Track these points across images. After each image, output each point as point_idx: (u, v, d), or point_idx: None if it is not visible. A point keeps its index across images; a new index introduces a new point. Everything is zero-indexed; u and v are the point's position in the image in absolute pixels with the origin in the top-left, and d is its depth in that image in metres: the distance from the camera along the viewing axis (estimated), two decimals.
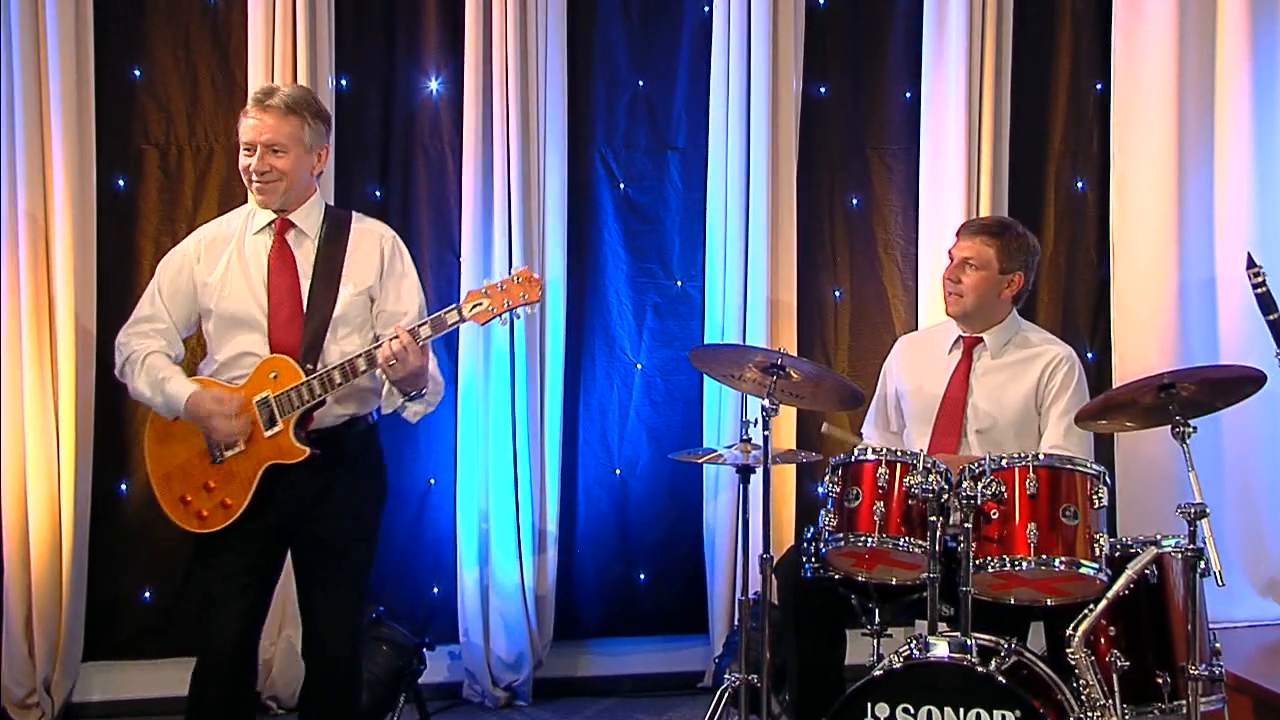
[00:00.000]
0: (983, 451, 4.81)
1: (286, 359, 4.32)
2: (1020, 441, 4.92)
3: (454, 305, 4.30)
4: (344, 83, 5.80)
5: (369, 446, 4.54)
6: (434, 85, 5.87)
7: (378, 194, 5.87)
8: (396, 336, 4.22)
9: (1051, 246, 6.22)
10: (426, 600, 5.93)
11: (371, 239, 4.51)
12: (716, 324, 5.98)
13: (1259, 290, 4.86)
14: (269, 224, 4.40)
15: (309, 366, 4.31)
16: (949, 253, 5.09)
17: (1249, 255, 4.69)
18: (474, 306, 4.30)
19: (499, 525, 5.84)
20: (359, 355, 4.28)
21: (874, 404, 5.32)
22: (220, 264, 4.39)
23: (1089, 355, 6.20)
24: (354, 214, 4.58)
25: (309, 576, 4.45)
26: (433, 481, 5.91)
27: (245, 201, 4.54)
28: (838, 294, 6.18)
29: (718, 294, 5.99)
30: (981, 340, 5.06)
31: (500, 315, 4.31)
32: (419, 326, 4.27)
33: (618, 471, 6.07)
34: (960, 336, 5.09)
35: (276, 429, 4.30)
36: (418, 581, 5.92)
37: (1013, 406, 4.96)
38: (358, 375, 4.29)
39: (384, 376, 4.32)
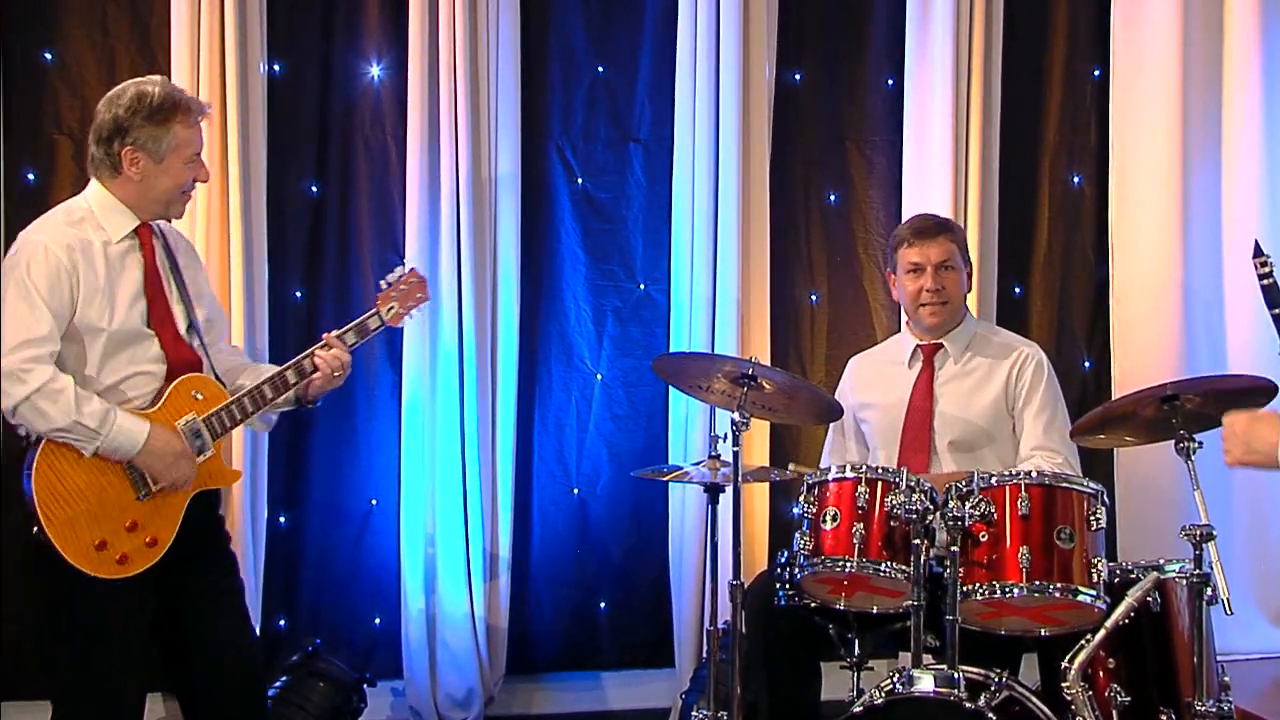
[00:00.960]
0: (956, 465, 4.83)
1: (207, 377, 4.31)
2: (997, 451, 4.99)
3: (373, 310, 4.64)
4: (277, 68, 5.78)
5: None
6: (376, 71, 5.85)
7: (314, 189, 5.86)
8: (329, 345, 4.39)
9: (1045, 247, 6.22)
10: (367, 631, 5.90)
11: (182, 238, 4.54)
12: (683, 331, 5.97)
13: (1265, 281, 4.84)
14: (132, 232, 4.30)
15: (237, 384, 4.36)
16: (910, 262, 5.12)
17: (1256, 243, 4.67)
18: (389, 310, 4.64)
19: (447, 549, 5.81)
20: (288, 367, 4.37)
21: (830, 434, 5.36)
22: (100, 276, 4.20)
23: (1086, 364, 6.20)
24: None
25: (205, 609, 4.37)
26: (374, 502, 5.89)
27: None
28: (814, 298, 6.17)
29: (684, 298, 5.98)
30: (941, 346, 5.13)
31: (408, 315, 4.70)
32: (344, 333, 4.49)
33: (576, 491, 6.06)
34: (918, 346, 5.16)
35: (209, 453, 4.26)
36: (358, 611, 5.90)
37: (983, 412, 5.02)
38: (289, 389, 4.38)
39: (313, 389, 4.46)
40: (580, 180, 6.04)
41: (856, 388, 5.26)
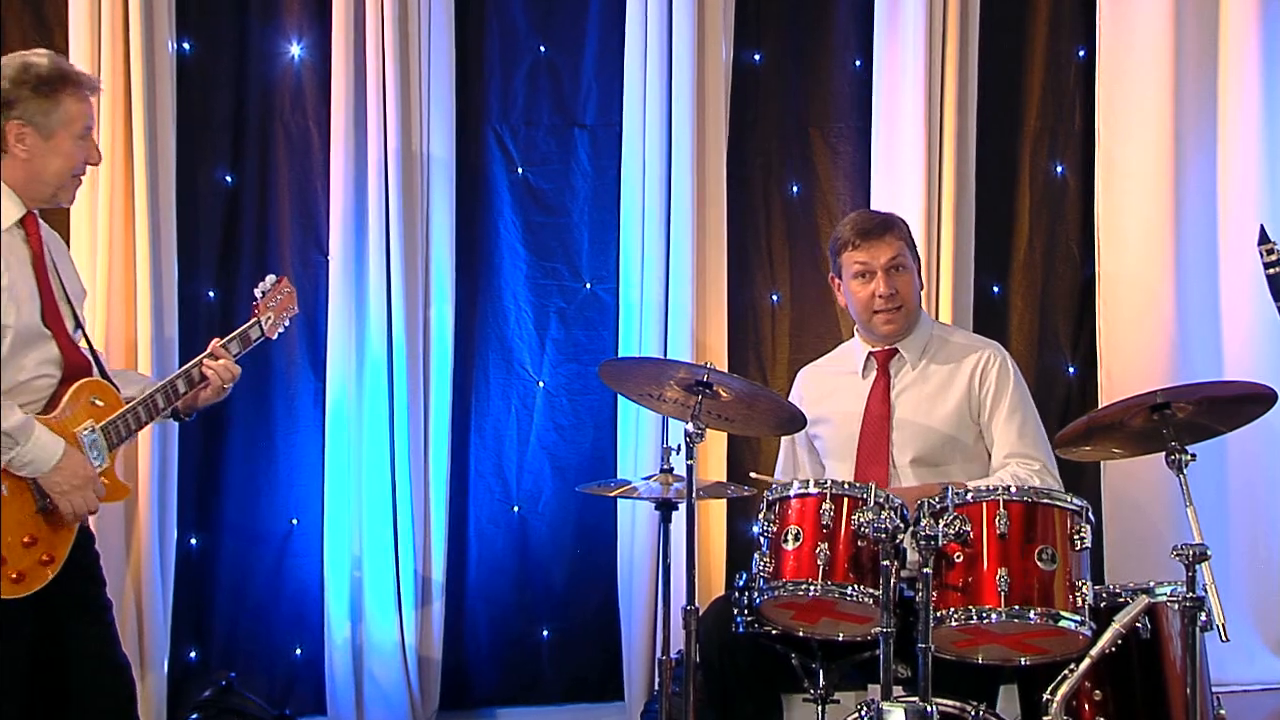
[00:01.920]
0: (918, 479, 4.81)
1: (104, 382, 4.29)
2: (963, 461, 5.00)
3: (254, 320, 4.74)
4: (187, 47, 5.75)
5: None
6: (296, 50, 5.83)
7: (229, 180, 5.84)
8: (216, 355, 4.49)
9: (1026, 242, 6.23)
10: (287, 663, 5.88)
11: (50, 230, 4.47)
12: (633, 334, 5.98)
13: (1271, 271, 4.85)
14: (19, 221, 4.25)
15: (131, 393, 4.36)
16: (857, 264, 5.09)
17: (1261, 228, 4.67)
18: (268, 320, 4.76)
19: (375, 573, 5.80)
20: (178, 376, 4.44)
21: (781, 456, 5.38)
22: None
23: (1070, 369, 6.21)
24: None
25: (76, 639, 4.32)
26: (295, 522, 5.87)
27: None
28: (775, 298, 6.17)
29: (634, 298, 5.98)
30: (896, 352, 5.14)
31: (285, 326, 4.85)
32: (228, 343, 4.56)
33: (516, 508, 6.06)
34: (871, 353, 5.18)
35: (104, 464, 4.24)
36: (276, 641, 5.88)
37: (946, 419, 5.03)
38: (179, 399, 4.46)
39: (200, 400, 4.54)
40: (521, 169, 6.03)
41: (807, 401, 5.25)
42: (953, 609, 4.21)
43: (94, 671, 4.33)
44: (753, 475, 5.02)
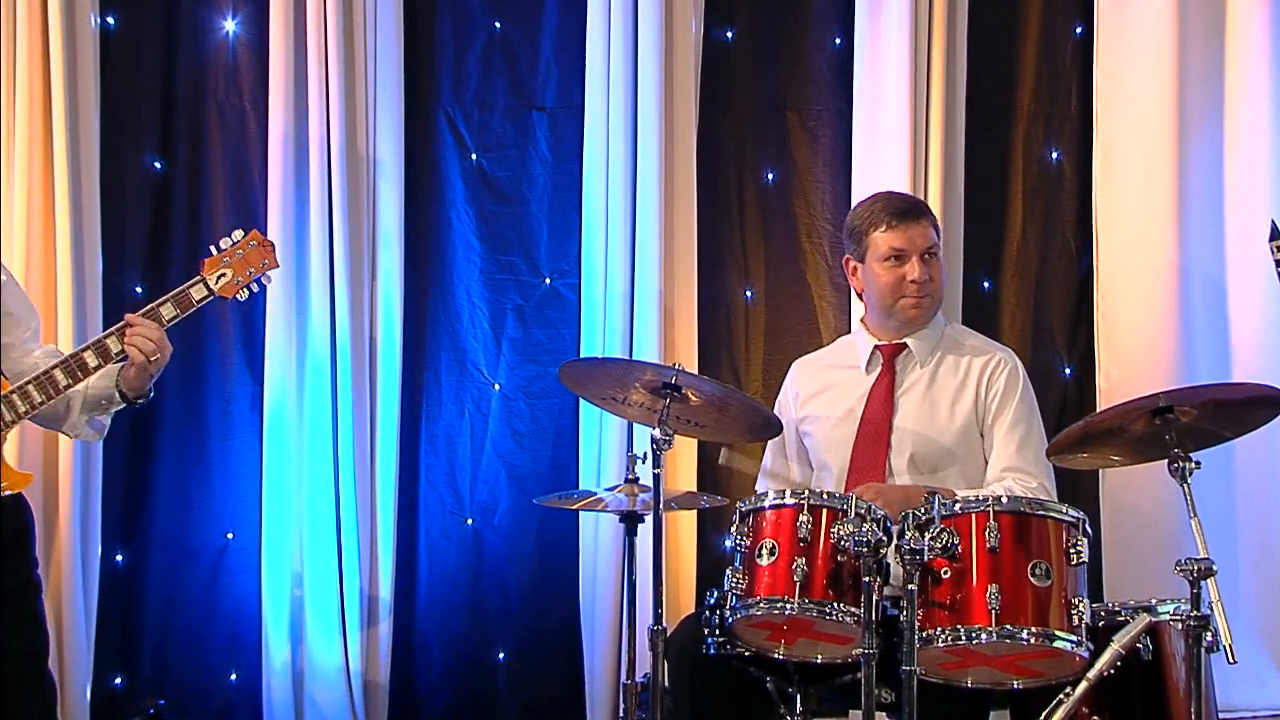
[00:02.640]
0: (917, 484, 4.81)
1: None
2: (965, 473, 4.99)
3: (197, 278, 4.52)
4: (111, 21, 5.76)
5: None
6: (230, 26, 5.84)
7: (158, 165, 5.84)
8: (131, 324, 4.34)
9: (1019, 233, 6.21)
10: (221, 689, 5.88)
11: None
12: (595, 333, 5.98)
13: None
14: None
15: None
16: (891, 249, 5.08)
17: (1273, 224, 4.69)
18: (219, 278, 4.54)
19: (317, 591, 5.81)
20: (85, 349, 4.33)
21: (768, 454, 5.34)
22: None
23: (1065, 371, 6.20)
24: None
25: None
26: (230, 536, 5.88)
27: None
28: (749, 294, 6.17)
29: (597, 294, 5.98)
30: (905, 347, 5.12)
31: (249, 286, 4.58)
32: (159, 306, 4.41)
33: (470, 521, 6.06)
34: (877, 346, 5.16)
35: None
36: (210, 664, 5.87)
37: (951, 426, 5.02)
38: (88, 374, 4.34)
39: (128, 377, 4.40)
40: (475, 155, 6.04)
41: (801, 396, 5.25)
42: (940, 628, 4.20)
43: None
44: (724, 457, 5.03)
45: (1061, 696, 4.19)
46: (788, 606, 4.28)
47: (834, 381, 5.19)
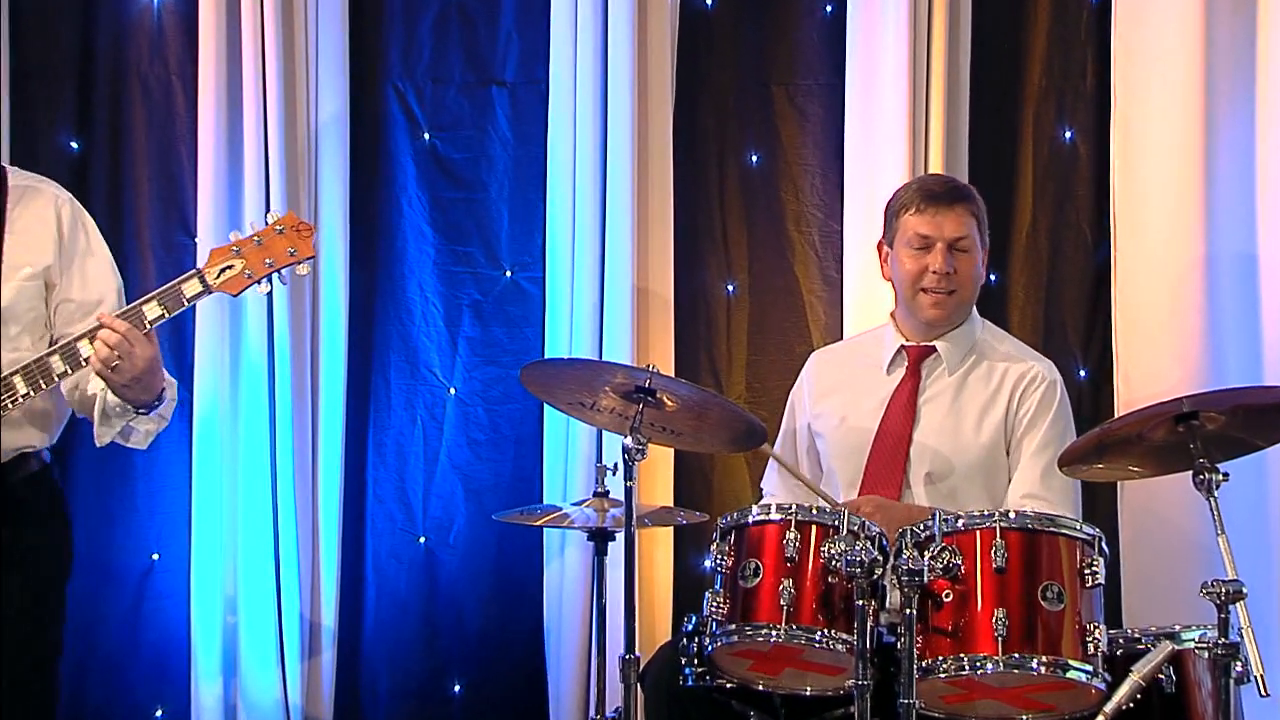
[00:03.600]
0: (929, 501, 4.80)
1: None
2: (989, 494, 4.98)
3: (193, 271, 4.32)
4: None
5: (50, 495, 4.54)
6: None
7: (74, 145, 5.86)
8: (104, 326, 4.18)
9: (1029, 221, 6.20)
10: None
11: (42, 202, 4.48)
12: (561, 331, 6.00)
13: None
14: None
15: None
16: (917, 235, 5.09)
17: None
18: (222, 271, 4.34)
19: (252, 617, 5.82)
20: (51, 353, 4.25)
21: (778, 446, 5.32)
22: None
23: (1081, 373, 6.19)
24: (8, 168, 4.52)
25: None
26: (156, 557, 5.89)
27: None
28: (731, 289, 6.17)
29: (563, 289, 6.00)
30: (934, 350, 5.10)
31: (260, 281, 4.36)
32: (142, 304, 4.26)
33: (423, 540, 6.07)
34: (903, 347, 5.14)
35: None
36: (133, 699, 5.88)
37: (977, 443, 5.01)
38: (53, 382, 4.26)
39: (103, 384, 4.28)
40: (427, 135, 6.07)
41: (816, 392, 5.26)
42: (941, 658, 4.20)
43: None
44: (768, 450, 5.03)
45: None
46: (773, 633, 4.28)
47: (852, 380, 5.20)
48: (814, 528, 4.34)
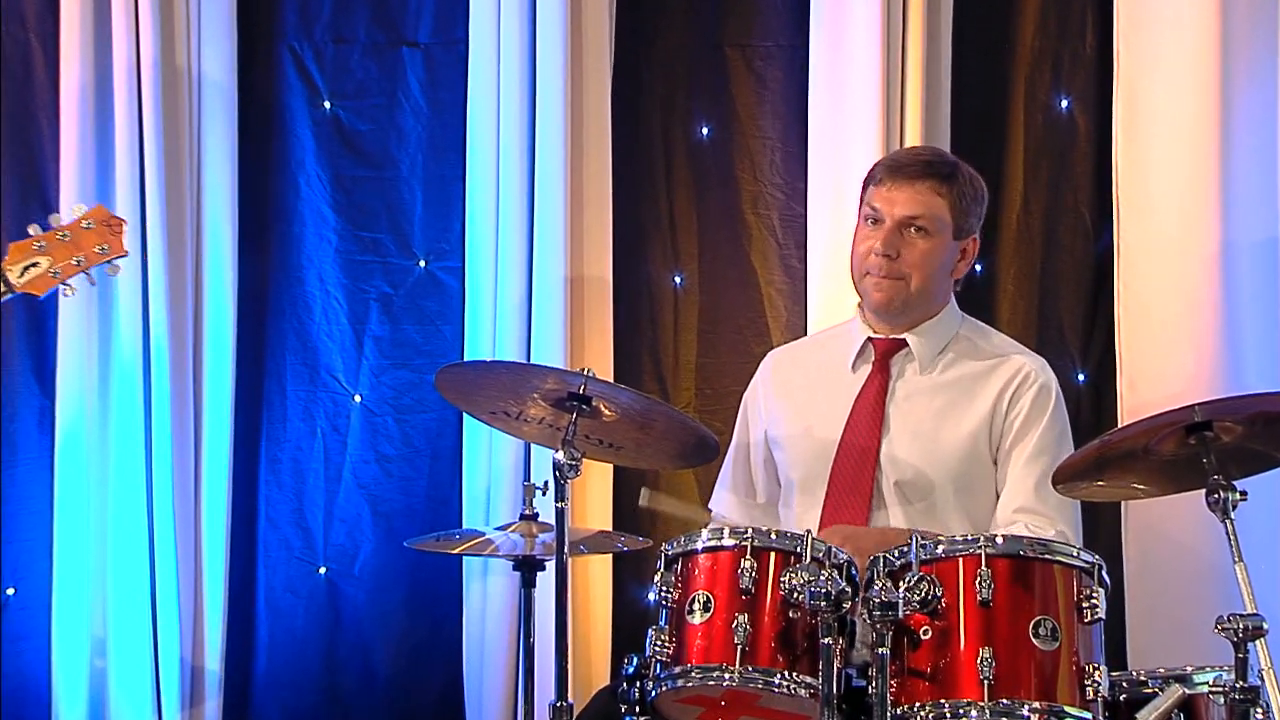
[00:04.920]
0: (905, 517, 4.79)
1: None
2: (970, 510, 4.98)
3: None
4: None
5: None
6: None
7: None
8: None
9: (1019, 203, 6.24)
10: None
11: None
12: (483, 330, 6.03)
13: None
14: None
15: None
16: (870, 207, 5.09)
17: None
18: (26, 269, 4.44)
19: (124, 661, 5.82)
20: None
21: (729, 460, 5.34)
22: None
23: (1079, 377, 6.23)
24: None
25: None
26: (12, 591, 5.88)
27: None
28: (678, 280, 6.20)
29: (485, 281, 6.03)
30: (905, 345, 5.10)
31: (68, 281, 4.46)
32: None
33: (323, 570, 6.10)
34: (869, 340, 5.13)
35: None
36: None
37: (954, 449, 5.00)
38: None
39: None
40: (328, 104, 6.09)
41: (774, 396, 5.25)
42: (918, 704, 4.17)
43: None
44: (644, 501, 5.02)
45: None
46: (726, 676, 4.25)
47: (814, 381, 5.19)
48: (772, 554, 4.30)
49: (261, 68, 5.99)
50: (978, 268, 6.16)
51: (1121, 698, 4.32)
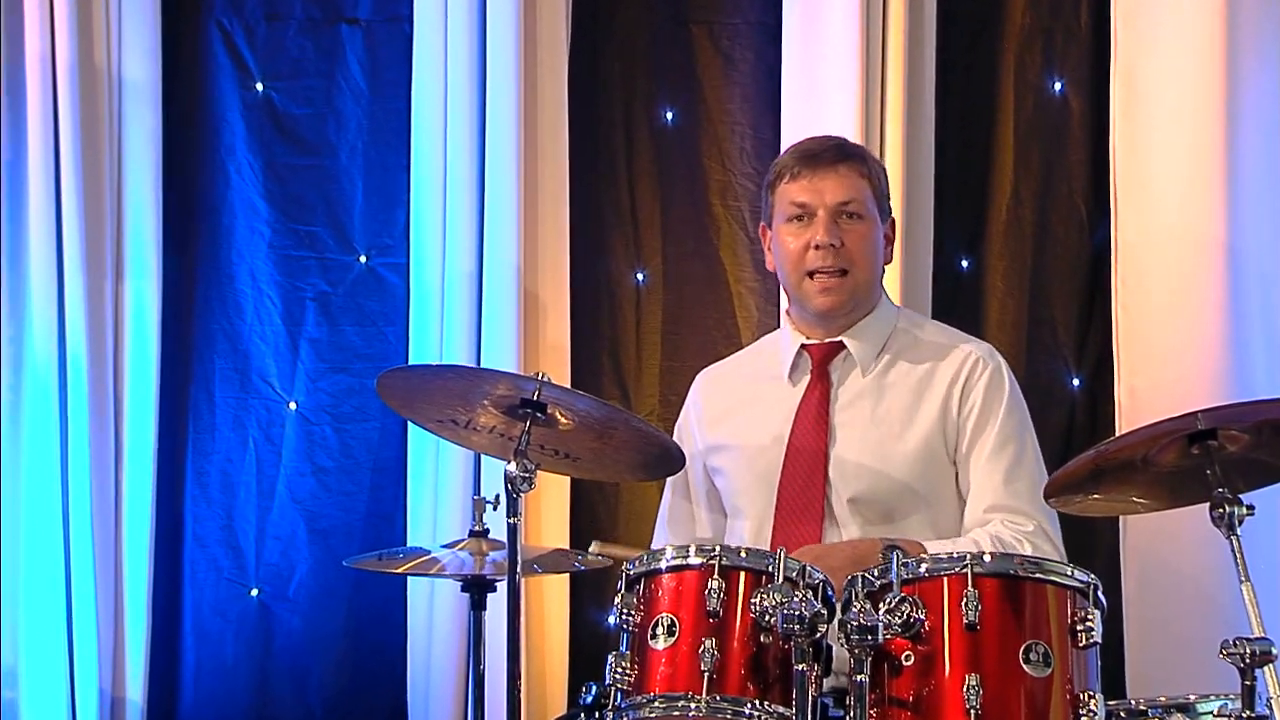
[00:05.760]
0: (862, 534, 4.81)
1: None
2: (934, 519, 5.00)
3: None
4: None
5: None
6: None
7: None
8: None
9: (1009, 193, 6.26)
10: None
11: None
12: (430, 332, 6.05)
13: None
14: None
15: None
16: (793, 204, 5.08)
17: None
18: None
19: (36, 692, 5.83)
20: None
21: (667, 497, 5.38)
22: None
23: (1074, 382, 6.26)
24: None
25: None
26: None
27: None
28: (640, 278, 6.23)
29: (431, 278, 6.06)
30: (842, 348, 5.12)
31: None
32: None
33: (255, 592, 6.12)
34: (804, 347, 5.16)
35: None
36: None
37: (908, 454, 5.01)
38: None
39: None
40: (260, 85, 6.11)
41: (707, 420, 5.26)
42: None
43: None
44: (595, 551, 5.03)
45: None
46: (692, 705, 4.23)
47: (751, 398, 5.20)
48: (742, 574, 4.30)
49: (187, 47, 5.99)
50: (964, 262, 6.19)
51: None
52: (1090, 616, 4.22)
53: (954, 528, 5.00)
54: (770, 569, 4.28)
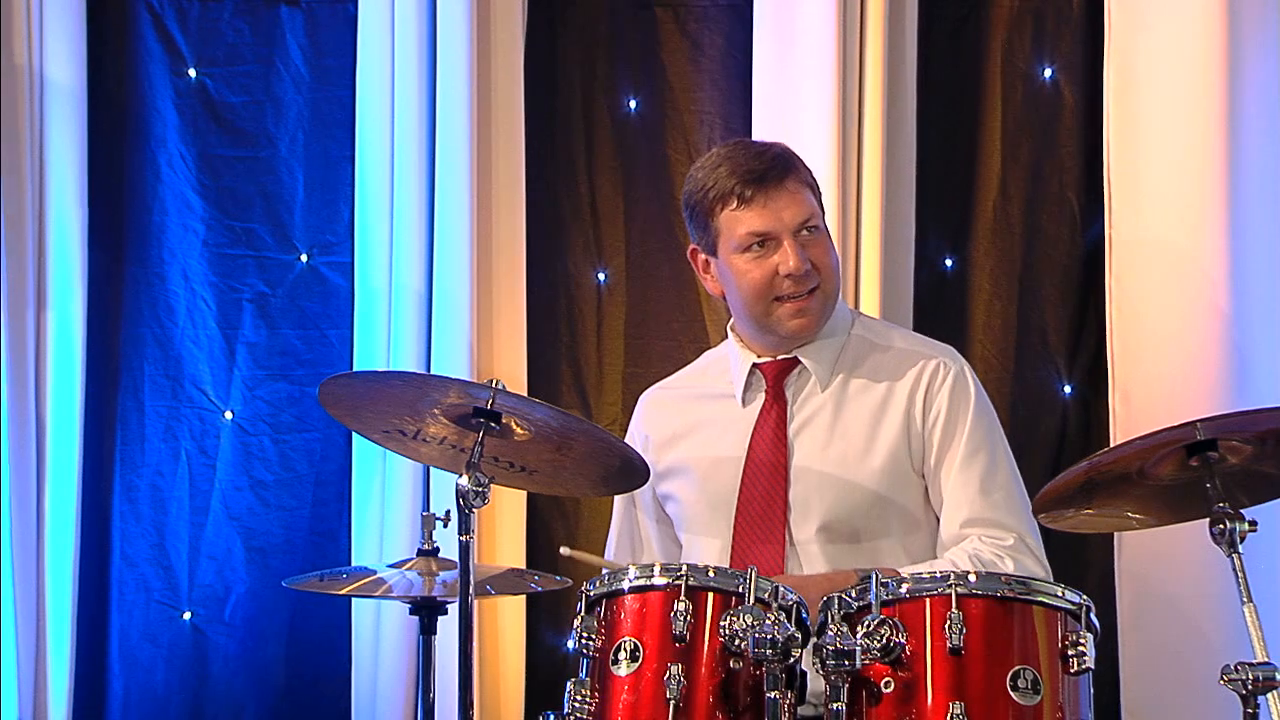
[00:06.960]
0: (828, 561, 4.82)
1: None
2: (901, 532, 5.01)
3: None
4: None
5: None
6: None
7: None
8: None
9: (995, 189, 6.28)
10: None
11: None
12: (376, 335, 6.06)
13: None
14: None
15: None
16: (750, 233, 5.00)
17: None
18: None
19: None
20: None
21: (615, 527, 5.39)
22: None
23: (1065, 389, 6.27)
24: None
25: None
26: None
27: None
28: (602, 277, 6.25)
29: (378, 278, 6.07)
30: (797, 363, 5.12)
31: None
32: None
33: (188, 615, 6.12)
34: (756, 365, 5.15)
35: None
36: None
37: (873, 472, 5.01)
38: None
39: None
40: (193, 72, 6.11)
41: (654, 443, 5.25)
42: None
43: None
44: (565, 552, 5.03)
45: None
46: None
47: (702, 419, 5.20)
48: (711, 595, 4.29)
49: (114, 28, 6.00)
50: (948, 263, 6.20)
51: None
52: (1082, 640, 4.22)
53: (927, 551, 5.01)
54: (740, 590, 4.27)
